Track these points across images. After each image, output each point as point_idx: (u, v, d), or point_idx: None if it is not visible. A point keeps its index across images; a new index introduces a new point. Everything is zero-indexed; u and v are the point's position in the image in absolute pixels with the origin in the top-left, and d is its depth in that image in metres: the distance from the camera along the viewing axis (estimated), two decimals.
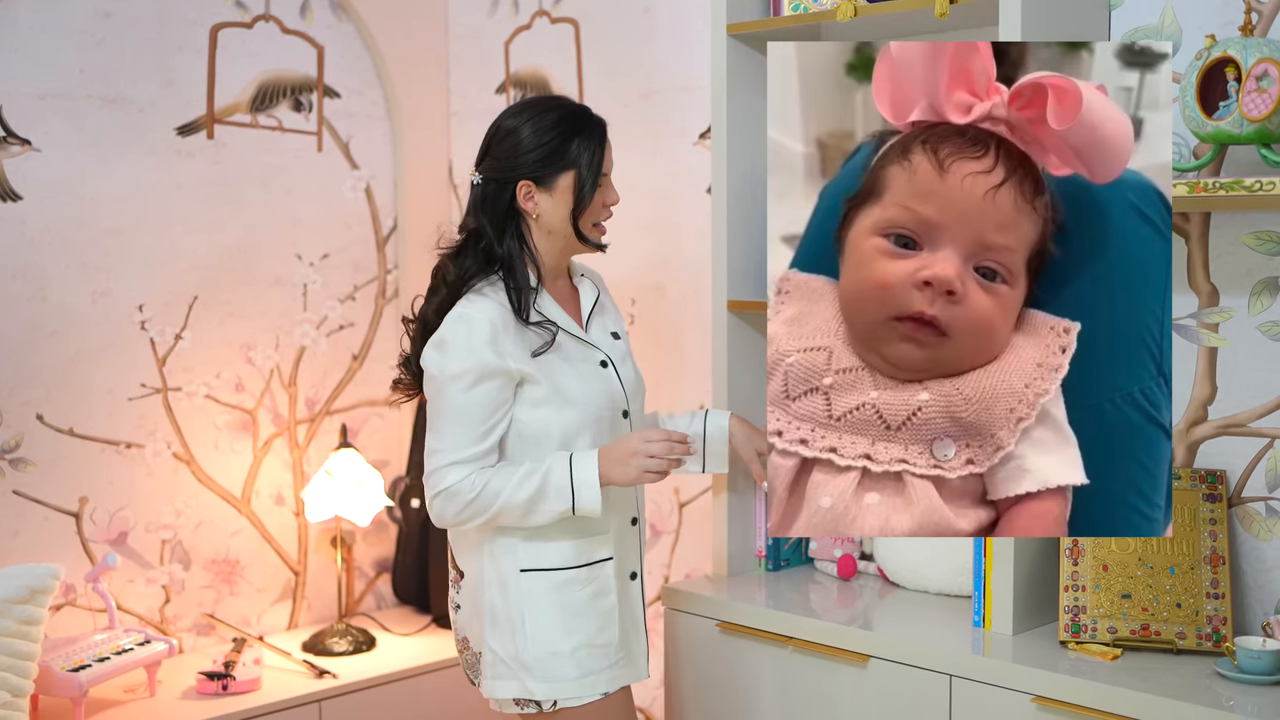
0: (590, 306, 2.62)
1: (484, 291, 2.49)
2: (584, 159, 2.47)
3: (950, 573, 2.84)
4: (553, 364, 2.49)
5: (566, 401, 2.48)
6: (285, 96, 3.81)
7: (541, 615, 2.50)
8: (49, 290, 3.41)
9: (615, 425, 2.56)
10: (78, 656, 3.21)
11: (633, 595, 2.62)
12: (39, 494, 3.42)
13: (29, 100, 3.37)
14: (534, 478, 2.43)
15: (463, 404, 2.44)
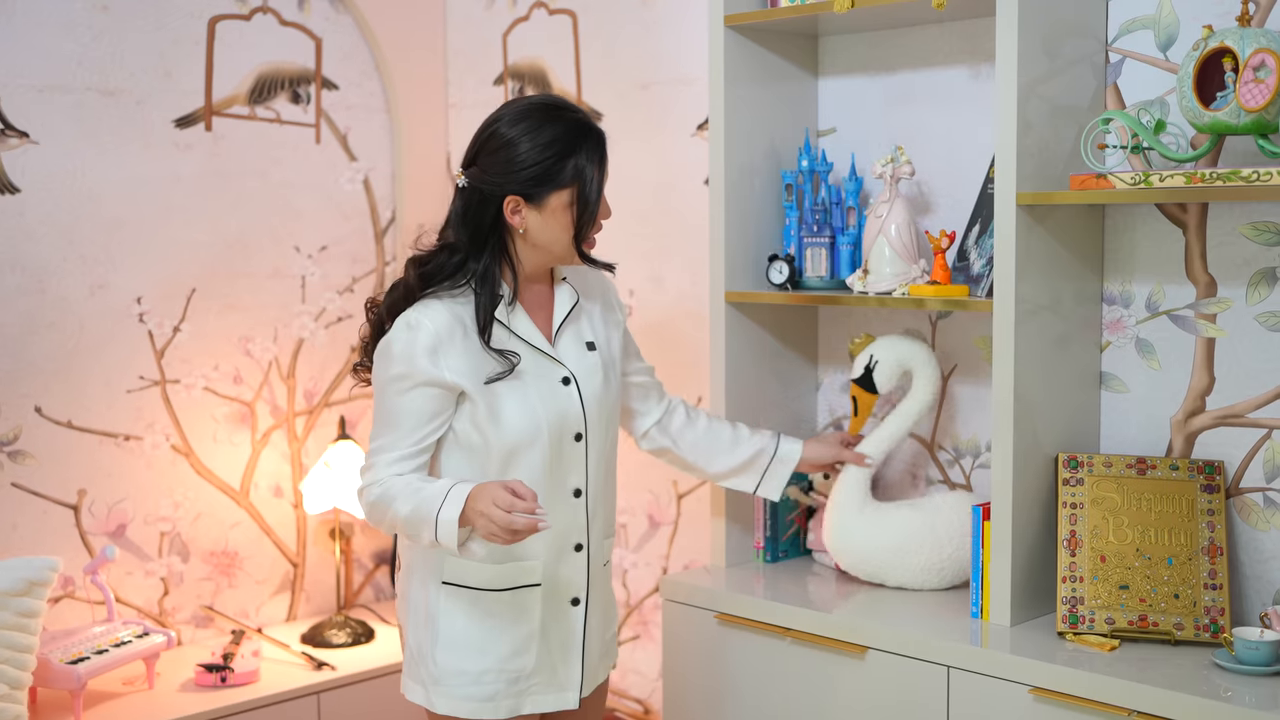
0: (563, 316, 2.48)
1: (441, 297, 2.38)
2: (583, 180, 2.36)
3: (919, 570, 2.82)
4: (500, 385, 2.37)
5: (502, 427, 2.36)
6: (283, 88, 3.80)
7: (454, 631, 2.42)
8: (47, 282, 3.41)
9: (563, 449, 2.42)
10: (76, 649, 3.21)
11: (570, 621, 2.48)
12: (37, 486, 3.41)
13: (27, 92, 3.36)
14: (418, 499, 2.32)
15: (396, 407, 2.35)
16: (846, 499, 2.83)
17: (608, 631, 2.60)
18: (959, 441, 3.01)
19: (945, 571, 2.80)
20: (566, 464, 2.43)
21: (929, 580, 2.81)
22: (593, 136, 2.39)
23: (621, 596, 3.71)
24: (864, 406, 2.86)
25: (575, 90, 3.73)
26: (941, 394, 3.02)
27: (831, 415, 3.22)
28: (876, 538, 2.80)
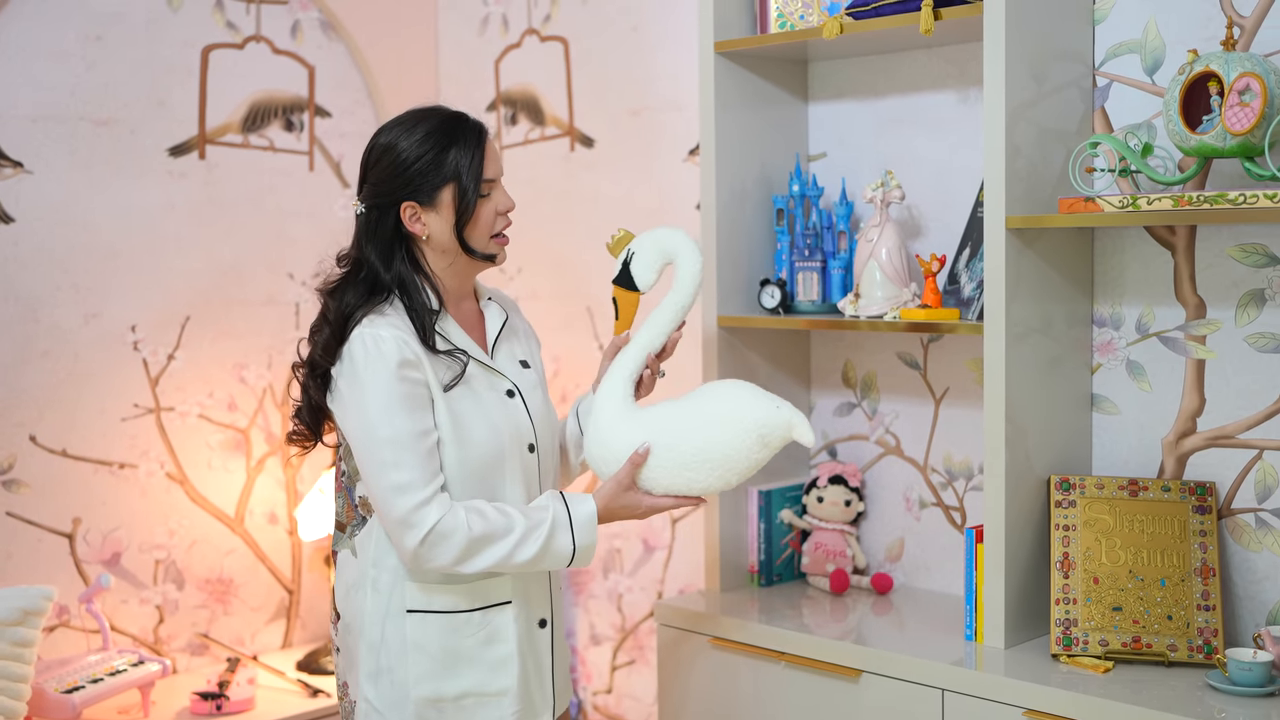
0: (497, 331, 2.43)
1: (384, 311, 2.29)
2: (463, 168, 2.29)
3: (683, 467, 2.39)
4: (456, 397, 2.30)
5: (466, 440, 2.29)
6: (277, 116, 3.81)
7: (426, 659, 2.30)
8: (41, 311, 3.41)
9: (523, 459, 2.37)
10: (71, 678, 3.20)
11: (539, 643, 2.41)
12: (32, 515, 3.41)
13: (21, 122, 3.37)
14: (538, 533, 2.27)
15: (400, 432, 2.22)
16: (604, 403, 2.41)
17: (565, 663, 2.52)
18: (951, 464, 3.01)
19: (710, 464, 2.35)
20: (524, 476, 2.38)
21: (693, 478, 2.36)
22: (468, 125, 2.34)
23: (616, 621, 3.71)
24: (625, 306, 2.45)
25: (567, 116, 3.74)
26: (933, 411, 3.02)
27: (825, 439, 3.22)
28: (630, 439, 2.36)
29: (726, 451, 2.34)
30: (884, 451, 3.12)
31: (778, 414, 2.36)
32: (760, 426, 2.35)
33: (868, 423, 3.15)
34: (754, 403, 2.36)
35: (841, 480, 3.09)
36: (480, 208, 2.33)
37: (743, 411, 2.35)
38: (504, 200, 2.37)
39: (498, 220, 2.37)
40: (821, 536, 3.09)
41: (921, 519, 3.06)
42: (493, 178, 2.35)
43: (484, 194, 2.34)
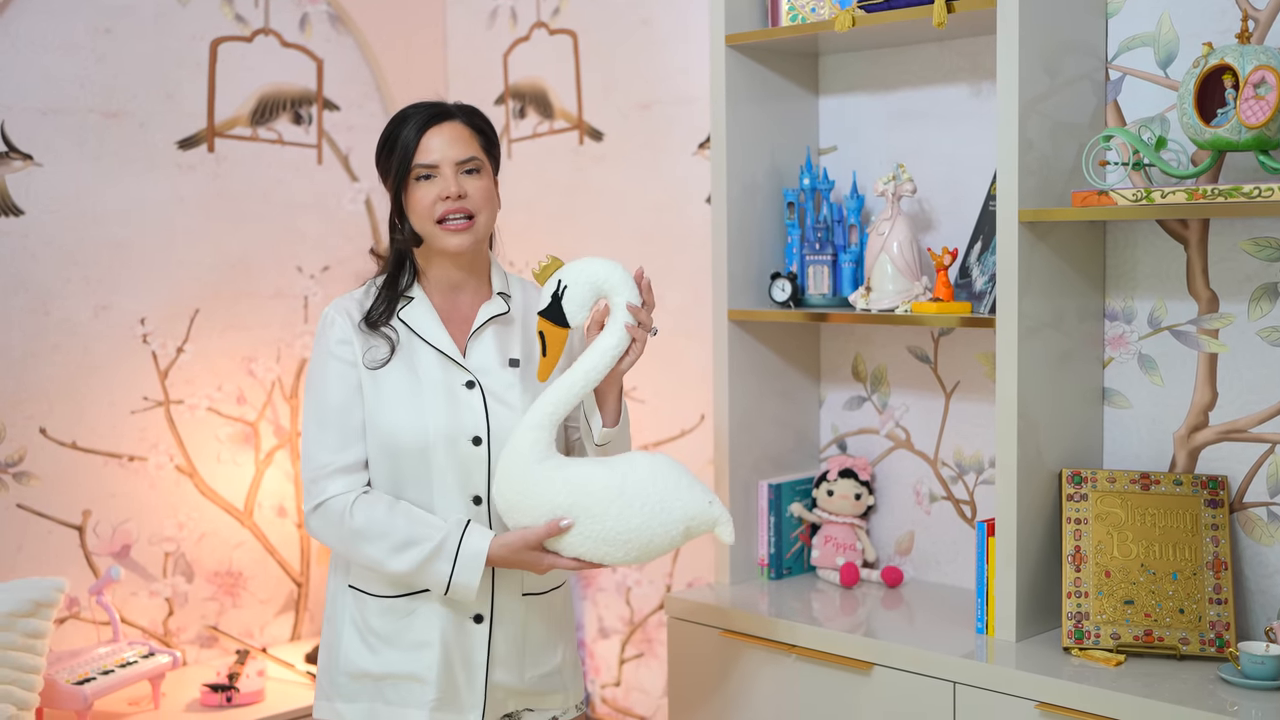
0: (478, 325, 2.39)
1: (356, 291, 2.42)
2: (402, 151, 2.33)
3: (598, 539, 2.30)
4: (388, 378, 2.33)
5: (381, 419, 2.32)
6: (285, 109, 3.81)
7: (358, 636, 2.37)
8: (51, 304, 3.41)
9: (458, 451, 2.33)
10: (82, 669, 3.20)
11: (471, 638, 2.37)
12: (42, 507, 3.41)
13: (31, 115, 3.37)
14: (418, 550, 2.28)
15: (322, 403, 2.34)
16: (525, 446, 2.27)
17: (540, 667, 2.45)
18: (962, 458, 3.00)
19: (631, 545, 2.27)
20: (464, 469, 2.34)
21: (609, 552, 2.28)
22: (424, 111, 2.37)
23: (625, 614, 3.71)
24: (554, 343, 2.29)
25: (576, 110, 3.73)
26: (943, 412, 3.02)
27: (835, 432, 3.22)
28: (549, 496, 2.26)
29: (651, 537, 2.27)
30: (894, 445, 3.12)
31: (709, 510, 2.30)
32: (689, 519, 2.28)
33: (878, 416, 3.15)
34: (688, 495, 2.29)
35: (851, 474, 3.09)
36: (414, 191, 2.34)
37: (676, 501, 2.28)
38: (446, 186, 2.32)
39: (438, 205, 2.32)
40: (831, 530, 3.09)
41: (932, 512, 3.06)
42: (431, 163, 2.33)
43: (421, 177, 2.34)
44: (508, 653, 2.40)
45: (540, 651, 2.45)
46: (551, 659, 2.47)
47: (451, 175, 2.33)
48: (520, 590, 2.41)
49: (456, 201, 2.33)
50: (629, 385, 3.64)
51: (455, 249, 2.35)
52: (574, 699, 2.54)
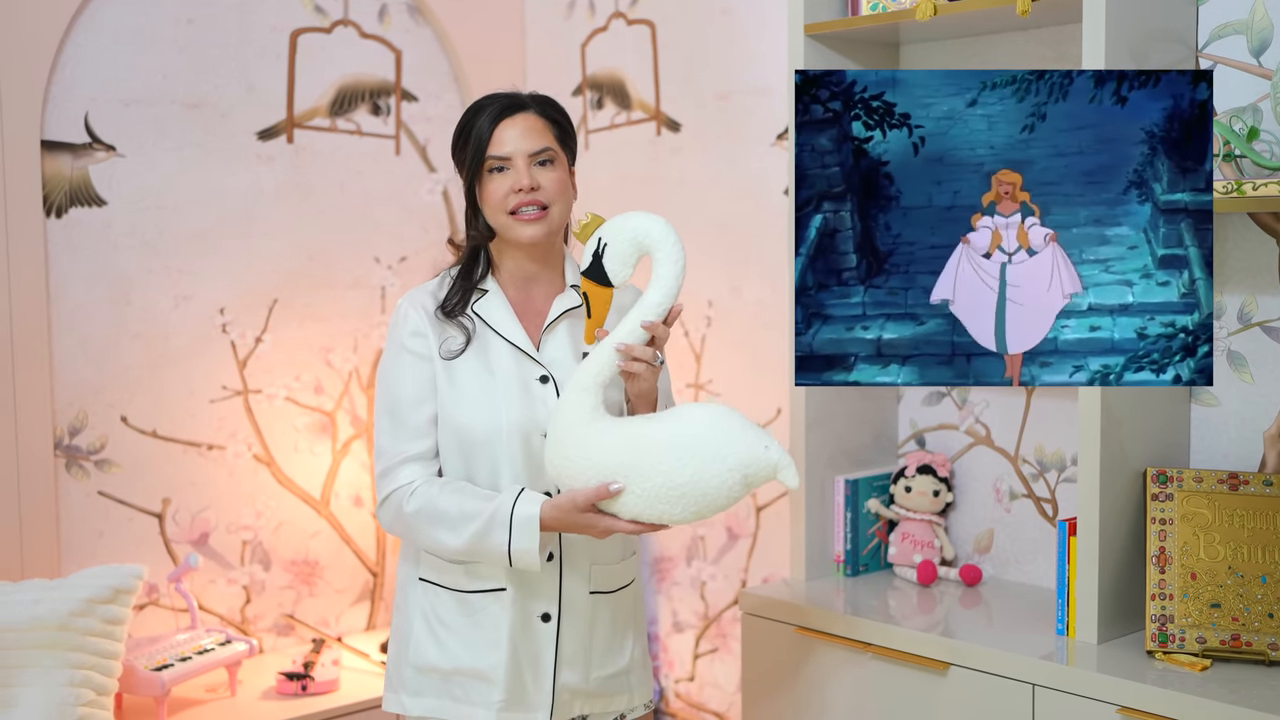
0: (553, 318, 2.39)
1: (430, 283, 2.43)
2: (476, 143, 2.33)
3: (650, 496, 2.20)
4: (462, 369, 2.34)
5: (453, 411, 2.33)
6: (364, 100, 3.83)
7: (427, 629, 2.38)
8: (133, 294, 3.45)
9: (531, 447, 2.33)
10: (160, 656, 3.24)
11: (539, 638, 2.36)
12: (123, 495, 3.46)
13: (114, 106, 3.41)
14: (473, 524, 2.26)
15: (394, 396, 2.35)
16: (571, 409, 2.22)
17: (606, 668, 2.44)
18: (1043, 455, 2.96)
19: (687, 499, 2.18)
20: (537, 464, 2.33)
21: (665, 510, 2.19)
22: (499, 101, 2.36)
23: (699, 609, 3.69)
24: (598, 303, 2.23)
25: (654, 100, 3.72)
26: (1028, 406, 2.97)
27: (913, 428, 3.18)
28: (597, 456, 2.19)
29: (706, 489, 2.17)
30: (973, 441, 3.08)
31: (765, 454, 2.18)
32: (746, 466, 2.17)
33: (957, 412, 3.11)
34: (741, 439, 2.18)
35: (930, 470, 3.05)
36: (488, 183, 2.34)
37: (729, 449, 2.17)
38: (519, 178, 2.31)
39: (510, 198, 2.32)
40: (909, 527, 3.06)
41: (1012, 510, 3.02)
42: (504, 155, 2.32)
43: (494, 169, 2.33)
44: (574, 652, 2.39)
45: (607, 652, 2.44)
46: (618, 659, 2.46)
47: (524, 167, 2.32)
48: (588, 588, 2.39)
49: (529, 194, 2.32)
50: (706, 379, 3.62)
51: (528, 240, 2.34)
52: (641, 699, 2.52)
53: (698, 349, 3.64)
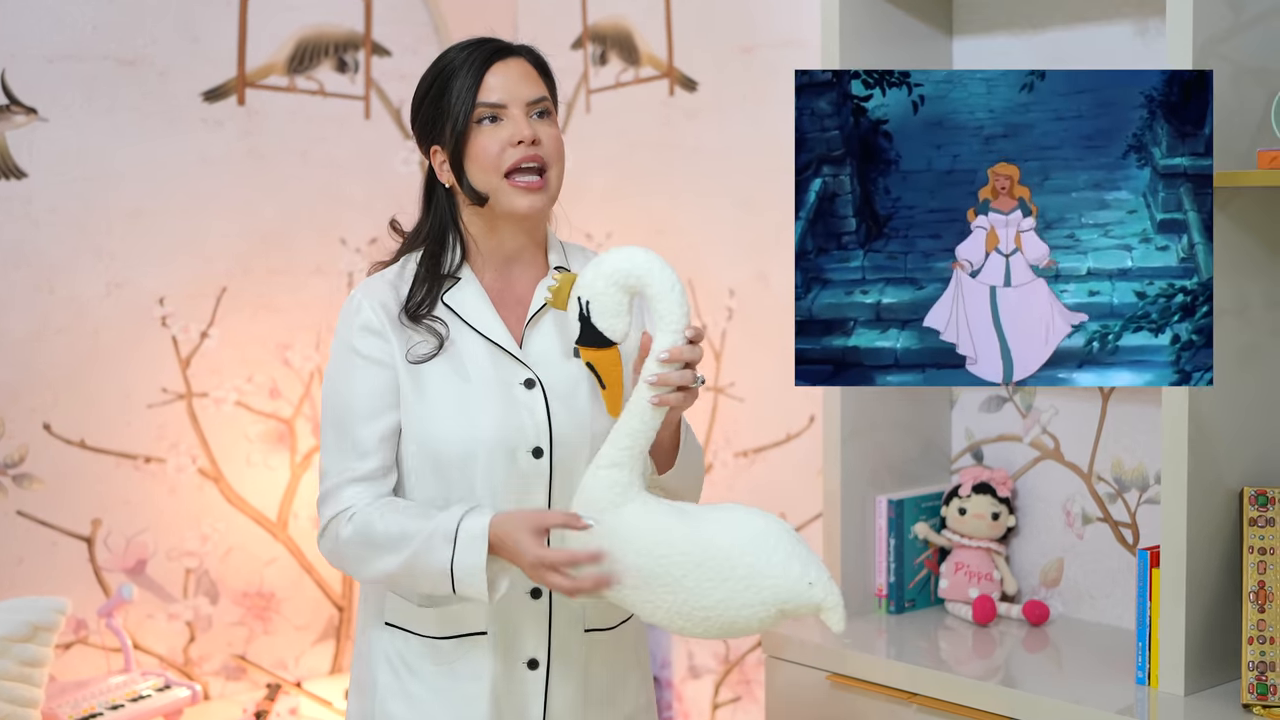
0: (537, 308, 2.32)
1: (388, 271, 2.34)
2: (460, 92, 2.24)
3: (669, 611, 2.17)
4: (433, 374, 2.27)
5: (422, 425, 2.26)
6: (327, 55, 3.82)
7: (394, 680, 2.32)
8: (57, 281, 3.44)
9: (516, 465, 2.26)
10: (88, 703, 3.25)
11: (525, 687, 2.31)
12: (46, 515, 3.45)
13: (35, 63, 3.40)
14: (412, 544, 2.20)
15: (340, 405, 2.28)
16: (600, 490, 2.15)
17: (606, 718, 2.38)
18: (1122, 471, 2.93)
19: (710, 622, 2.14)
20: (521, 487, 2.28)
21: (683, 626, 2.16)
22: (480, 44, 2.30)
23: (719, 651, 3.67)
24: (608, 369, 2.16)
25: (666, 55, 3.70)
26: (1106, 415, 2.94)
27: (969, 439, 3.15)
28: (621, 555, 2.13)
29: (735, 619, 2.13)
30: (1040, 455, 3.05)
31: (808, 593, 2.13)
32: (784, 602, 2.13)
33: (1021, 421, 3.08)
34: (784, 570, 2.12)
35: (988, 489, 3.03)
36: (476, 137, 2.25)
37: (768, 580, 2.11)
38: (517, 129, 2.23)
39: (507, 152, 2.23)
40: (963, 555, 3.04)
41: (1085, 537, 2.99)
42: (498, 101, 2.25)
43: (484, 119, 2.26)
44: (567, 704, 2.34)
45: (605, 702, 2.38)
46: (619, 709, 2.41)
47: (522, 116, 2.26)
48: (582, 626, 2.34)
49: (530, 148, 2.24)
50: (726, 381, 3.60)
51: (525, 211, 2.27)
52: None
53: (718, 346, 3.62)
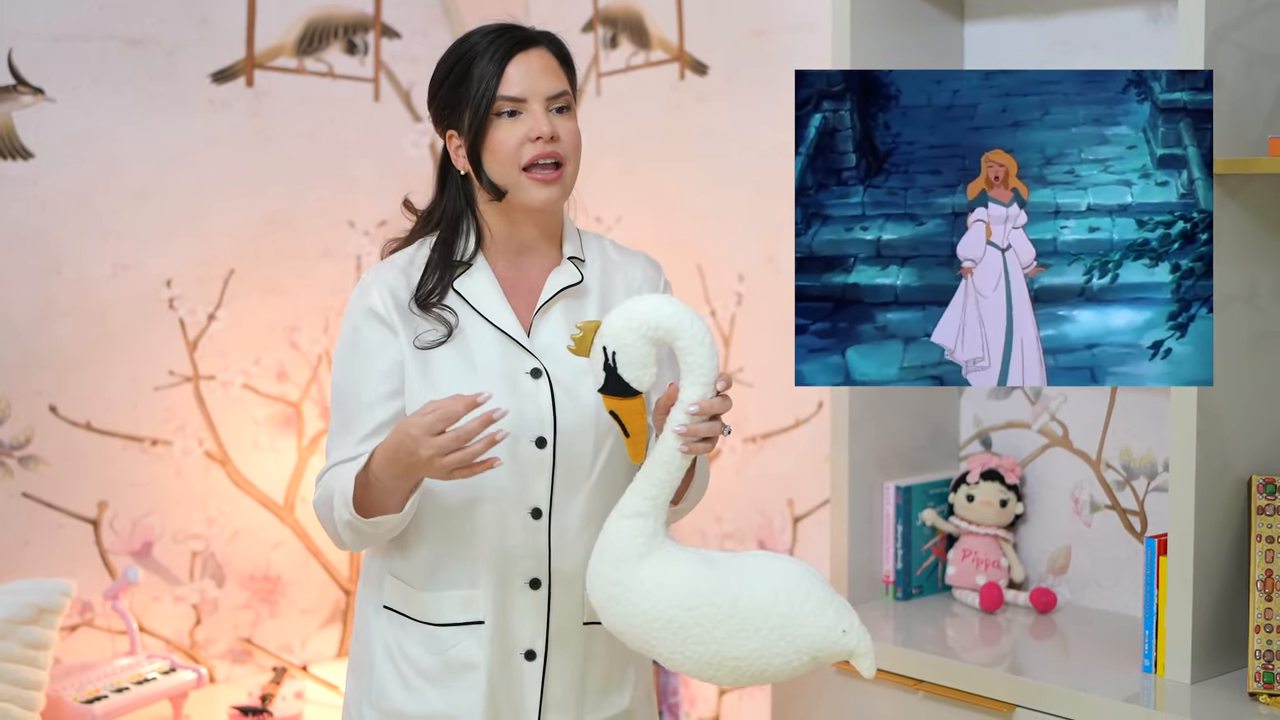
0: (547, 298, 2.33)
1: (399, 256, 2.35)
2: (480, 82, 2.25)
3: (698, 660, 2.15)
4: (440, 362, 2.27)
5: None
6: (337, 37, 3.82)
7: (391, 667, 2.33)
8: (64, 262, 3.45)
9: (518, 455, 2.26)
10: (93, 686, 3.25)
11: (522, 678, 2.32)
12: (51, 497, 3.46)
13: (42, 43, 3.40)
14: None
15: (344, 390, 2.31)
16: (623, 541, 2.14)
17: (602, 711, 2.39)
18: (1130, 459, 2.93)
19: (742, 671, 2.13)
20: (524, 476, 2.28)
21: (714, 675, 2.15)
22: (505, 35, 2.29)
23: None
24: (632, 417, 2.14)
25: (677, 38, 3.70)
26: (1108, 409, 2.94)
27: (977, 426, 3.16)
28: (647, 607, 2.12)
29: (766, 668, 2.12)
30: (1048, 442, 3.06)
31: (842, 640, 2.13)
32: (817, 651, 2.13)
33: (1030, 408, 3.08)
34: (817, 619, 2.11)
35: (997, 476, 3.03)
36: (495, 131, 2.26)
37: (802, 630, 2.11)
38: (536, 124, 2.24)
39: (525, 148, 2.24)
40: (971, 543, 3.05)
41: (1093, 524, 3.00)
42: (518, 95, 2.26)
43: (503, 112, 2.26)
44: (564, 695, 2.34)
45: (603, 694, 2.39)
46: (617, 701, 2.41)
47: (541, 111, 2.26)
48: (581, 619, 2.34)
49: (549, 144, 2.25)
50: (735, 366, 3.60)
51: (541, 204, 2.28)
52: None
53: (726, 331, 3.62)
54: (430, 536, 2.30)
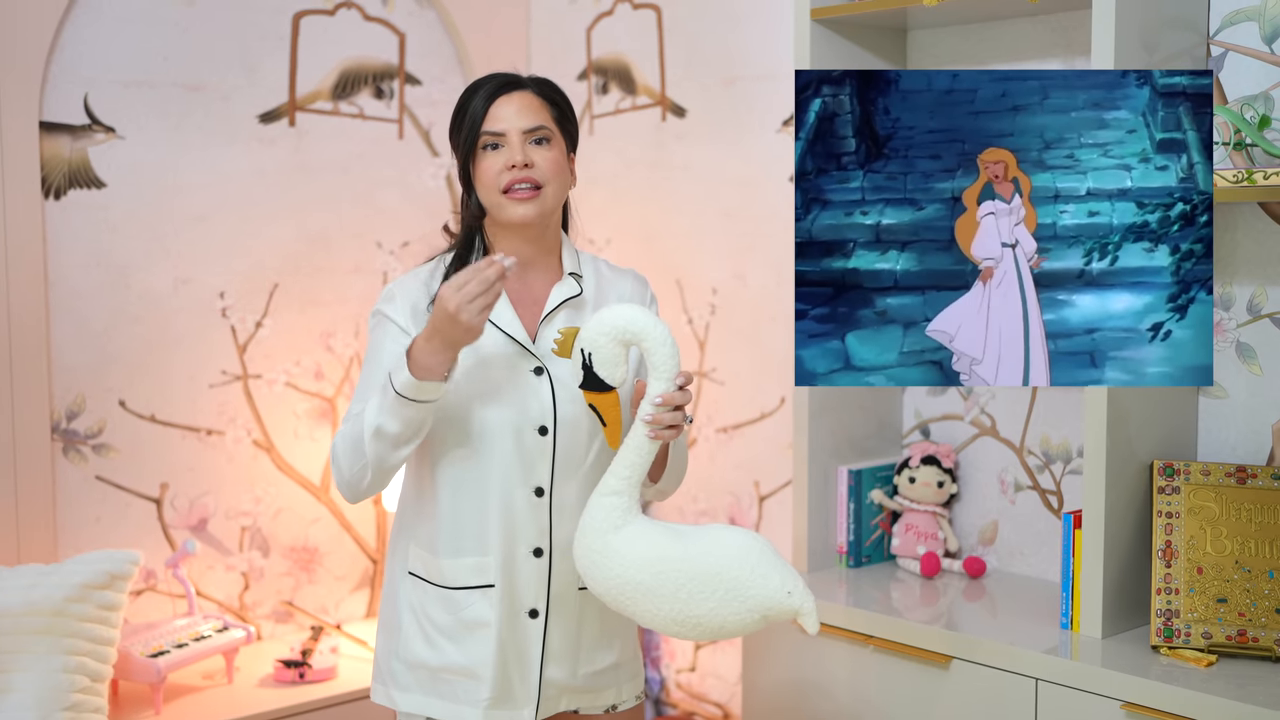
0: (551, 308, 2.33)
1: (422, 269, 2.37)
2: (470, 118, 2.29)
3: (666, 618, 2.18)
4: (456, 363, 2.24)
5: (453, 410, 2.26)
6: (367, 84, 3.81)
7: (416, 625, 2.35)
8: (131, 277, 3.43)
9: (524, 441, 2.28)
10: (157, 642, 3.24)
11: (526, 634, 2.33)
12: (121, 480, 3.44)
13: (114, 88, 3.39)
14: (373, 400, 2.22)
15: (367, 382, 2.30)
16: (600, 516, 2.18)
17: (594, 664, 2.39)
18: (1049, 446, 2.93)
19: (701, 629, 2.17)
20: (528, 459, 2.29)
21: (676, 631, 2.18)
22: (495, 79, 2.31)
23: None
24: (608, 409, 2.18)
25: (659, 85, 3.69)
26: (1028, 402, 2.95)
27: (918, 418, 3.16)
28: (619, 571, 2.16)
29: (721, 624, 2.16)
30: (979, 432, 3.06)
31: (787, 601, 2.15)
32: (766, 609, 2.15)
33: (963, 403, 3.08)
34: (765, 581, 2.14)
35: (934, 461, 3.03)
36: (481, 160, 2.29)
37: (752, 590, 2.14)
38: (512, 155, 2.26)
39: (503, 175, 2.26)
40: (913, 518, 3.04)
41: (1016, 502, 3.00)
42: (498, 130, 2.27)
43: (487, 145, 2.28)
44: (562, 648, 2.35)
45: (595, 649, 2.40)
46: (607, 655, 2.42)
47: (518, 144, 2.27)
48: (576, 585, 2.35)
49: (523, 171, 2.26)
50: (710, 366, 3.60)
51: (519, 219, 2.28)
52: (631, 691, 2.48)
53: (701, 336, 3.63)
54: (448, 511, 2.30)
